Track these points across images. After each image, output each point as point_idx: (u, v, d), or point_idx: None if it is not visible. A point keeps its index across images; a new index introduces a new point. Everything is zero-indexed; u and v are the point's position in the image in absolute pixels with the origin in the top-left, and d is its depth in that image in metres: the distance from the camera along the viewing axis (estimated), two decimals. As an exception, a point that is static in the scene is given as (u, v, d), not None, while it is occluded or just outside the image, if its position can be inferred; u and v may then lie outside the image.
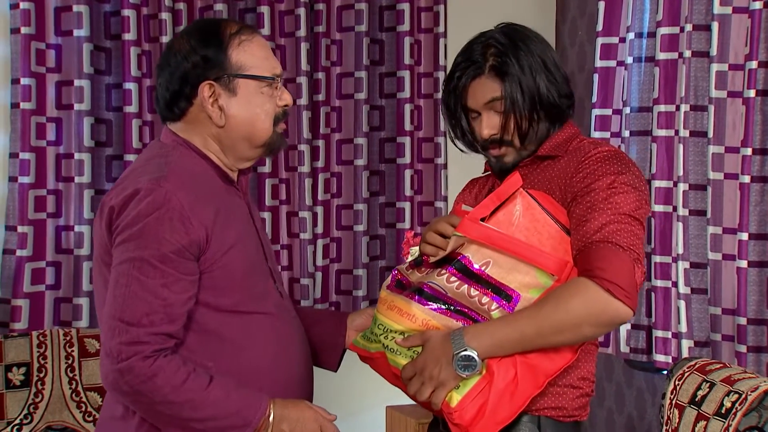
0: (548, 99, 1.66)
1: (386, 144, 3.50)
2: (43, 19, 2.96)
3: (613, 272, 1.50)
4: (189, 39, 1.70)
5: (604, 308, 1.50)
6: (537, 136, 1.69)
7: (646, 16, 2.92)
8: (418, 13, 3.48)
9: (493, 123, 1.68)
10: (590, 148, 1.66)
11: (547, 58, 1.68)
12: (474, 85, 1.68)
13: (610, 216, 1.55)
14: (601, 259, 1.51)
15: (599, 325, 1.53)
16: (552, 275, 1.55)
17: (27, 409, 2.64)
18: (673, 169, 2.73)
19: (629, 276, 1.52)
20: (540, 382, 1.55)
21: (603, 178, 1.58)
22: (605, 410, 3.35)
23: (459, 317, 1.58)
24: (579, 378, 1.65)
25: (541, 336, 1.52)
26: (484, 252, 1.57)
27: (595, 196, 1.57)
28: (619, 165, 1.61)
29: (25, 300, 2.90)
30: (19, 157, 2.92)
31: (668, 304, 2.77)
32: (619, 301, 1.49)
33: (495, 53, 1.66)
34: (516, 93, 1.64)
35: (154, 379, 1.55)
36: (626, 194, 1.58)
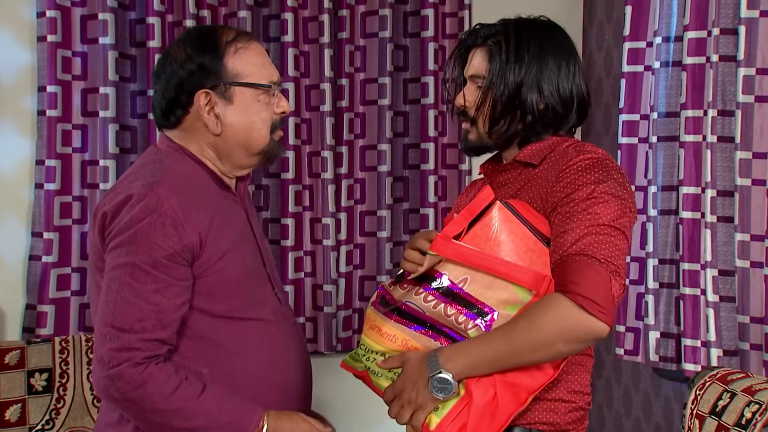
0: (531, 107, 1.62)
1: (410, 150, 3.48)
2: (69, 27, 2.99)
3: (587, 287, 1.45)
4: (185, 46, 1.69)
5: (577, 324, 1.45)
6: (507, 131, 1.66)
7: (673, 20, 2.87)
8: (442, 18, 3.47)
9: (470, 96, 1.68)
10: (573, 154, 1.61)
11: (556, 71, 1.64)
12: (473, 53, 1.70)
13: (588, 227, 1.50)
14: (576, 273, 1.46)
15: (573, 341, 1.48)
16: (530, 290, 1.51)
17: (49, 414, 2.66)
18: (701, 175, 2.69)
19: (604, 290, 1.46)
20: (522, 399, 1.52)
21: (583, 188, 1.53)
22: (633, 420, 3.30)
23: (438, 336, 1.56)
24: (570, 391, 1.62)
25: (516, 354, 1.48)
26: (461, 269, 1.55)
27: (574, 206, 1.52)
28: (600, 173, 1.55)
29: (50, 306, 2.92)
30: (45, 164, 2.94)
31: (697, 313, 2.72)
32: (592, 316, 1.44)
33: (500, 35, 1.66)
34: (497, 81, 1.62)
35: (144, 386, 1.54)
36: (606, 204, 1.52)
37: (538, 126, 1.65)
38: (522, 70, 1.62)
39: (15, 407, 2.62)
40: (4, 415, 2.60)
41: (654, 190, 2.87)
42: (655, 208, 2.87)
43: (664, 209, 2.86)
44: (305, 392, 1.80)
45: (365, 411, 3.41)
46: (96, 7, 2.99)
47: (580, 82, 1.68)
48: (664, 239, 2.86)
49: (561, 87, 1.64)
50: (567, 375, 1.61)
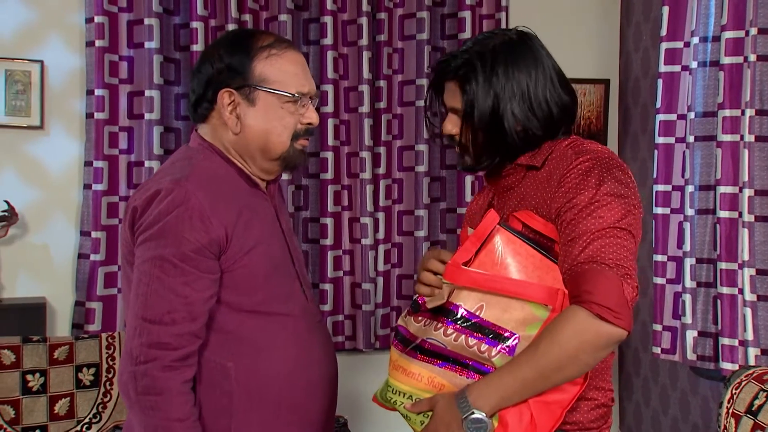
0: (509, 132, 1.61)
1: (447, 150, 3.52)
2: (116, 32, 3.07)
3: (600, 295, 1.44)
4: (219, 47, 1.73)
5: (597, 334, 1.44)
6: (493, 154, 1.64)
7: (711, 20, 2.87)
8: (479, 20, 3.50)
9: (452, 127, 1.66)
10: (572, 158, 1.58)
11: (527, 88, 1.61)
12: (447, 85, 1.67)
13: (594, 232, 1.48)
14: (587, 282, 1.45)
15: (596, 351, 1.47)
16: (546, 306, 1.50)
17: (96, 408, 2.74)
18: (739, 175, 2.69)
19: (618, 295, 1.45)
20: (557, 414, 1.51)
21: (584, 192, 1.52)
22: (670, 419, 3.30)
23: (463, 370, 1.54)
24: (591, 388, 1.60)
25: (544, 377, 1.47)
26: (475, 296, 1.53)
27: (577, 213, 1.51)
28: (600, 174, 1.54)
29: (98, 303, 3.01)
30: (93, 165, 3.03)
31: (734, 312, 2.73)
32: (610, 324, 1.43)
33: (467, 64, 1.62)
34: (473, 112, 1.61)
35: (161, 395, 1.55)
36: (609, 206, 1.51)
37: (521, 147, 1.64)
38: (491, 98, 1.60)
39: (64, 401, 2.71)
40: (54, 408, 2.69)
41: (691, 189, 2.88)
42: (693, 208, 2.87)
43: (701, 209, 2.86)
44: (330, 389, 1.80)
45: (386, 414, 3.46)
46: (142, 13, 3.08)
47: (556, 90, 1.65)
48: (702, 238, 2.86)
49: (535, 104, 1.62)
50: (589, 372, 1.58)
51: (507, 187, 1.69)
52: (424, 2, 3.41)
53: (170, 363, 1.56)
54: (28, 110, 3.02)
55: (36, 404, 2.67)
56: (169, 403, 1.55)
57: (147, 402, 1.55)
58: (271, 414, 1.68)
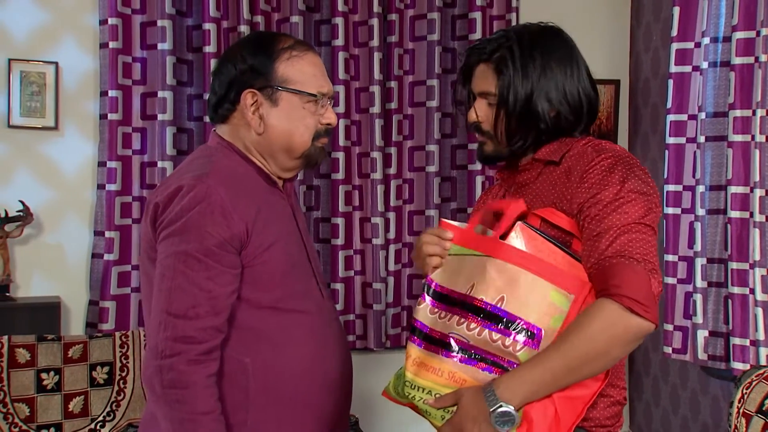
0: (543, 117, 1.63)
1: (458, 151, 3.53)
2: (129, 33, 3.10)
3: (629, 288, 1.45)
4: (241, 48, 1.76)
5: (627, 326, 1.45)
6: (523, 142, 1.65)
7: (722, 20, 2.88)
8: (490, 21, 3.51)
9: (481, 112, 1.67)
10: (593, 155, 1.60)
11: (562, 76, 1.64)
12: (478, 69, 1.69)
13: (620, 227, 1.50)
14: (616, 276, 1.46)
15: (626, 344, 1.48)
16: (568, 294, 1.49)
17: (110, 406, 2.76)
18: (750, 175, 2.69)
19: (646, 289, 1.46)
20: (579, 410, 1.51)
21: (609, 188, 1.54)
22: (680, 418, 3.30)
23: (485, 365, 1.52)
24: (608, 385, 1.61)
25: (573, 370, 1.47)
26: (494, 288, 1.51)
27: (602, 208, 1.53)
28: (623, 171, 1.56)
29: (111, 302, 3.04)
30: (107, 166, 3.06)
31: (746, 312, 2.73)
32: (639, 317, 1.45)
33: (504, 47, 1.65)
34: (506, 93, 1.62)
35: (186, 389, 1.57)
36: (633, 202, 1.52)
37: (551, 133, 1.66)
38: (529, 81, 1.62)
39: (78, 399, 2.73)
40: (68, 406, 2.72)
41: (702, 189, 2.88)
42: (703, 208, 2.88)
43: (712, 209, 2.87)
44: (345, 386, 1.82)
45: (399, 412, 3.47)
46: (155, 14, 3.10)
47: (586, 84, 1.68)
48: (713, 238, 2.87)
49: (569, 92, 1.65)
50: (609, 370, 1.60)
51: (522, 183, 1.70)
52: (435, 3, 3.43)
53: (195, 357, 1.58)
54: (42, 111, 3.05)
55: (50, 402, 2.69)
56: (194, 397, 1.57)
57: (173, 395, 1.57)
58: (286, 410, 1.70)
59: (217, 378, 1.63)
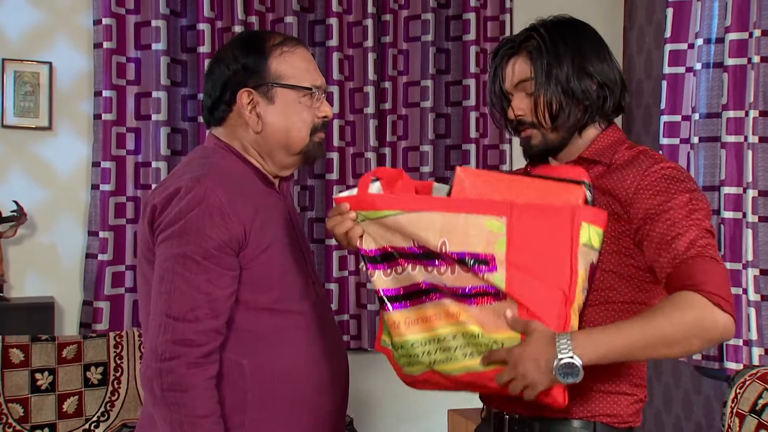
0: (581, 87, 1.64)
1: (452, 151, 3.54)
2: (123, 34, 3.10)
3: (716, 285, 1.48)
4: (232, 49, 1.75)
5: (715, 322, 1.47)
6: (569, 121, 1.66)
7: (714, 22, 2.90)
8: (484, 22, 3.52)
9: (522, 105, 1.67)
10: (649, 162, 1.62)
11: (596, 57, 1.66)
12: (509, 65, 1.69)
13: (696, 232, 1.53)
14: (703, 273, 1.49)
15: (708, 339, 1.49)
16: (500, 217, 1.50)
17: (104, 407, 2.76)
18: (743, 176, 2.71)
19: (729, 288, 1.51)
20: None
21: (679, 196, 1.56)
22: (673, 417, 3.32)
23: (469, 299, 1.51)
24: (632, 385, 1.64)
25: (649, 347, 1.48)
26: (433, 232, 1.50)
27: (674, 213, 1.55)
28: (689, 181, 1.61)
29: (105, 302, 3.04)
30: (101, 166, 3.06)
31: (739, 312, 2.74)
32: (726, 314, 1.47)
33: (533, 36, 1.67)
34: (545, 74, 1.63)
35: (186, 392, 1.57)
36: (702, 211, 1.57)
37: (595, 109, 1.67)
38: (566, 61, 1.64)
39: (72, 399, 2.73)
40: (62, 406, 2.71)
41: (695, 190, 2.89)
42: (697, 208, 2.89)
43: (705, 209, 2.88)
44: (342, 387, 1.82)
45: (404, 406, 3.48)
46: (149, 15, 3.10)
47: (618, 67, 1.71)
48: (706, 239, 2.88)
49: (605, 71, 1.67)
50: (629, 368, 1.63)
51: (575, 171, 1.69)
52: (429, 4, 3.43)
53: (195, 360, 1.57)
54: (36, 111, 3.04)
55: (45, 402, 2.69)
56: (194, 400, 1.57)
57: (172, 398, 1.57)
58: (284, 411, 1.69)
59: (216, 380, 1.63)
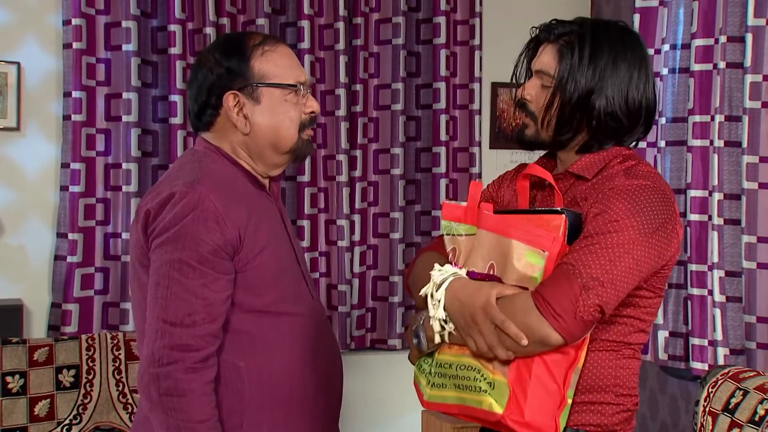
0: (598, 114, 1.57)
1: (422, 154, 3.57)
2: (93, 34, 3.07)
3: (550, 291, 1.42)
4: (214, 52, 1.76)
5: (530, 325, 1.42)
6: (572, 137, 1.61)
7: (680, 28, 2.95)
8: (454, 26, 3.55)
9: (534, 90, 1.63)
10: (622, 178, 1.54)
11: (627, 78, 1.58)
12: (542, 48, 1.64)
13: (586, 246, 1.46)
14: (549, 279, 1.44)
15: (531, 341, 1.43)
16: (542, 251, 1.47)
17: (76, 409, 2.74)
18: (708, 179, 2.76)
19: (568, 300, 1.42)
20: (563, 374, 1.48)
21: (610, 212, 1.48)
22: (639, 416, 3.37)
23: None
24: (618, 395, 1.59)
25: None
26: (482, 254, 1.54)
27: (594, 226, 1.48)
28: (635, 204, 1.49)
29: (75, 304, 3.01)
30: (70, 167, 3.03)
31: (704, 312, 2.80)
32: (545, 321, 1.41)
33: (574, 35, 1.59)
34: (567, 83, 1.57)
35: (183, 397, 1.58)
36: (621, 233, 1.46)
37: (601, 134, 1.60)
38: (594, 74, 1.56)
39: (44, 402, 2.70)
40: (34, 410, 2.68)
41: (662, 193, 2.94)
42: (663, 211, 2.94)
43: (671, 212, 2.93)
44: (336, 386, 1.84)
45: (377, 407, 3.49)
46: (119, 15, 3.08)
47: (650, 93, 1.61)
48: (672, 241, 2.93)
49: (630, 96, 1.58)
50: (614, 379, 1.58)
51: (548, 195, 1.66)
52: (400, 7, 3.45)
53: (192, 365, 1.59)
54: (4, 112, 3.00)
55: (16, 406, 2.65)
56: (191, 404, 1.58)
57: (170, 403, 1.57)
58: (281, 412, 1.71)
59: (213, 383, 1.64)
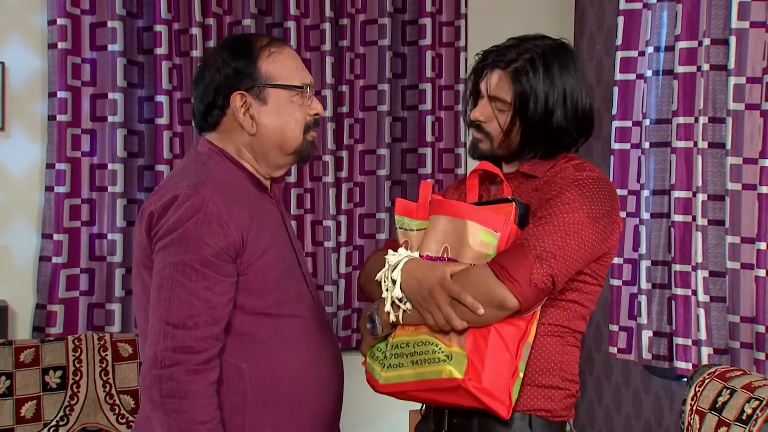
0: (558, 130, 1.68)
1: (408, 155, 3.58)
2: (79, 34, 3.06)
3: (507, 260, 1.54)
4: (221, 53, 1.78)
5: (490, 290, 1.53)
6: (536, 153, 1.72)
7: (664, 30, 2.98)
8: (439, 27, 3.56)
9: (487, 113, 1.72)
10: (572, 172, 1.68)
11: (578, 92, 1.70)
12: (493, 73, 1.72)
13: (539, 226, 1.58)
14: (504, 252, 1.57)
15: (486, 305, 1.54)
16: (495, 231, 1.59)
17: (63, 411, 2.72)
18: (692, 180, 2.78)
19: (522, 267, 1.53)
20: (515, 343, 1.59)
21: (561, 197, 1.62)
22: (623, 416, 3.40)
23: None
24: (564, 379, 1.70)
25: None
26: (436, 238, 1.63)
27: (545, 209, 1.62)
28: (584, 190, 1.63)
29: (60, 305, 2.99)
30: (56, 168, 3.01)
31: (688, 312, 2.82)
32: (503, 285, 1.52)
33: (523, 58, 1.69)
34: (520, 107, 1.68)
35: (186, 398, 1.59)
36: (573, 213, 1.60)
37: (557, 146, 1.72)
38: (551, 93, 1.67)
39: (30, 404, 2.69)
40: (20, 411, 2.66)
41: (646, 194, 2.97)
42: (648, 212, 2.97)
43: (656, 212, 2.96)
44: (337, 386, 1.86)
45: (364, 407, 3.49)
46: (105, 15, 3.07)
47: (588, 98, 1.75)
48: (657, 241, 2.96)
49: (580, 108, 1.72)
50: (561, 364, 1.69)
51: (500, 193, 1.75)
52: (386, 9, 3.46)
53: (195, 367, 1.60)
54: (-12, 112, 2.98)
55: (2, 407, 2.63)
56: (194, 406, 1.59)
57: (172, 405, 1.59)
58: (283, 412, 1.72)
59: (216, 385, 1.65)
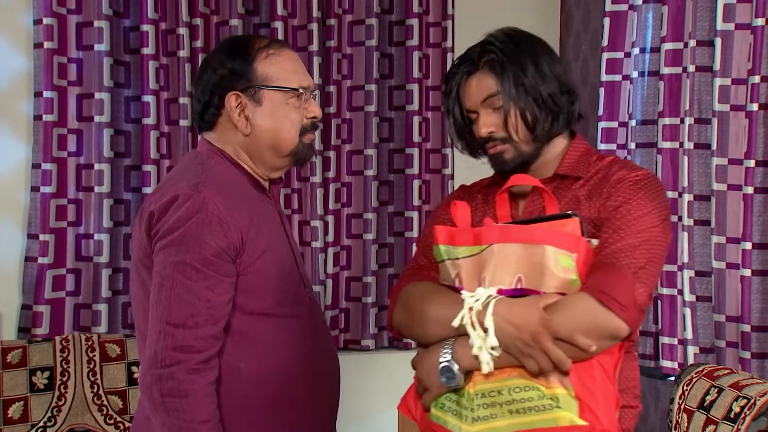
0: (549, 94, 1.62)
1: (395, 155, 3.58)
2: (65, 34, 3.03)
3: (608, 285, 1.45)
4: (219, 54, 1.79)
5: (595, 319, 1.44)
6: (543, 130, 1.64)
7: (649, 32, 3.00)
8: (426, 28, 3.57)
9: (491, 121, 1.64)
10: (624, 172, 1.62)
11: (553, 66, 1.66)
12: (469, 83, 1.66)
13: (630, 237, 1.52)
14: (600, 275, 1.47)
15: (593, 336, 1.44)
16: (570, 253, 1.46)
17: (50, 412, 2.71)
18: (678, 180, 2.81)
19: (627, 290, 1.46)
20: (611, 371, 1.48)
21: (632, 202, 1.56)
22: (610, 415, 3.42)
23: None
24: (634, 397, 1.65)
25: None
26: (507, 269, 1.48)
27: (619, 219, 1.54)
28: (652, 190, 1.59)
29: (46, 306, 2.97)
30: (41, 168, 2.99)
31: (674, 312, 2.85)
32: (611, 312, 1.44)
33: (491, 50, 1.64)
34: (513, 86, 1.61)
35: (186, 398, 1.59)
36: (648, 216, 1.54)
37: (565, 115, 1.67)
38: (529, 70, 1.62)
39: (17, 405, 2.67)
40: (7, 412, 2.64)
41: (632, 194, 2.99)
42: (634, 212, 2.98)
43: (642, 213, 2.97)
44: (335, 386, 1.87)
45: (353, 405, 3.49)
46: (91, 15, 3.05)
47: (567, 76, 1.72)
48: (643, 241, 2.97)
49: (564, 80, 1.68)
50: (633, 381, 1.64)
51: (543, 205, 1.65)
52: (373, 9, 3.46)
53: (195, 366, 1.60)
54: (-26, 111, 2.96)
55: (-12, 409, 2.63)
56: (194, 405, 1.59)
57: (172, 404, 1.59)
58: (281, 412, 1.73)
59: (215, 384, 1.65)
